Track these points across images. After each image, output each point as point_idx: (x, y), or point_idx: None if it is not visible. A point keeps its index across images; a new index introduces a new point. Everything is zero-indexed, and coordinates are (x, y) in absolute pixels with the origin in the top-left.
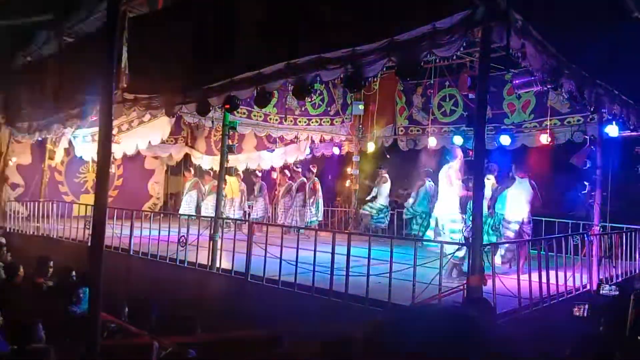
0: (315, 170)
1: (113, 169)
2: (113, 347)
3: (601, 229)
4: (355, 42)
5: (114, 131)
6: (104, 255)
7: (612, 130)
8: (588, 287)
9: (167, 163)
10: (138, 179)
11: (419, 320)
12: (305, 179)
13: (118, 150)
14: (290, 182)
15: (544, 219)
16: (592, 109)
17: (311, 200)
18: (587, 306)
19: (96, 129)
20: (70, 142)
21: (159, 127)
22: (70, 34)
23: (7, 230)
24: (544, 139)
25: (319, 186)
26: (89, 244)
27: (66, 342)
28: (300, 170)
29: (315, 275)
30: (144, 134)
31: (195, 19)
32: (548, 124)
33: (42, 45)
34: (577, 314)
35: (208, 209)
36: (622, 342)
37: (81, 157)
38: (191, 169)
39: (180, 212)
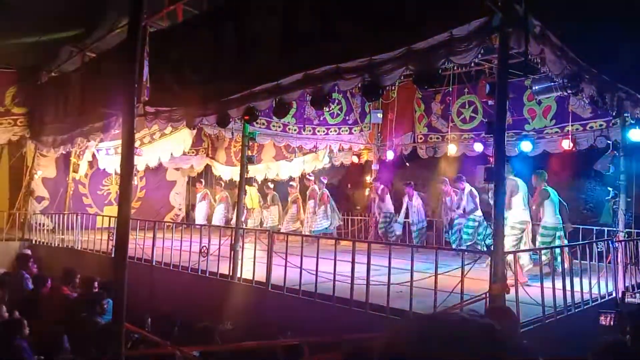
0: (325, 182)
1: (135, 181)
2: (137, 358)
3: (626, 235)
4: (372, 52)
5: (137, 144)
6: (127, 266)
7: (636, 134)
8: (613, 294)
9: (188, 174)
10: (160, 191)
11: (438, 330)
12: (316, 188)
13: (141, 162)
14: (297, 192)
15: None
16: (614, 114)
17: (321, 209)
18: (613, 315)
19: (119, 141)
20: (93, 155)
21: (180, 139)
22: (92, 50)
23: (33, 242)
24: (566, 144)
25: (326, 197)
26: (113, 255)
27: (91, 352)
28: (312, 179)
29: (335, 284)
30: (166, 146)
31: (214, 32)
32: (570, 129)
33: (65, 61)
34: (604, 322)
35: (216, 220)
36: None
37: (104, 169)
38: (202, 180)
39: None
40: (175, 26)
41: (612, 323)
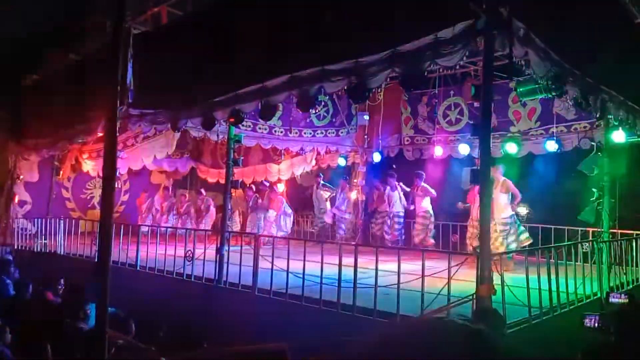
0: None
1: (119, 185)
2: None
3: (610, 236)
4: (358, 54)
5: (119, 146)
6: (110, 271)
7: (619, 136)
8: (598, 294)
9: (173, 177)
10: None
11: (426, 334)
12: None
13: (123, 165)
14: (256, 195)
15: (552, 226)
16: (597, 115)
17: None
18: (597, 317)
19: (102, 144)
20: (77, 158)
21: (164, 142)
22: (75, 52)
23: (15, 247)
24: (551, 146)
25: (281, 202)
26: (96, 259)
27: (75, 359)
28: (267, 184)
29: (322, 287)
30: (149, 149)
31: (198, 34)
32: (554, 130)
33: (48, 64)
34: (589, 324)
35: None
36: (634, 351)
37: (87, 172)
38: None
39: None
40: (160, 28)
41: (596, 325)
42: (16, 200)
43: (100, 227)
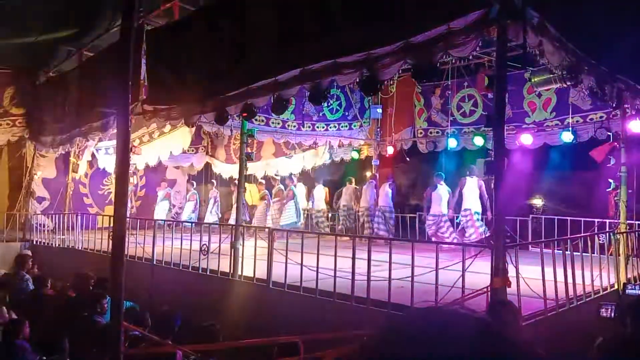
0: (295, 180)
1: (135, 180)
2: (137, 357)
3: (628, 227)
4: (370, 46)
5: (136, 142)
6: (126, 265)
7: (636, 125)
8: (615, 286)
9: (188, 172)
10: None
11: (432, 325)
12: (282, 187)
13: (140, 161)
14: (266, 190)
15: (569, 218)
16: (614, 105)
17: (287, 204)
18: (613, 307)
19: None
20: (93, 155)
21: (179, 137)
22: (89, 49)
23: (34, 242)
24: (567, 137)
25: (295, 193)
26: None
27: (93, 352)
28: (278, 178)
29: (336, 280)
30: (165, 145)
31: (210, 29)
32: (570, 121)
33: (63, 61)
34: (604, 315)
35: (184, 216)
36: None
37: (104, 169)
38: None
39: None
40: (172, 24)
41: (612, 315)
42: (35, 196)
43: (114, 221)
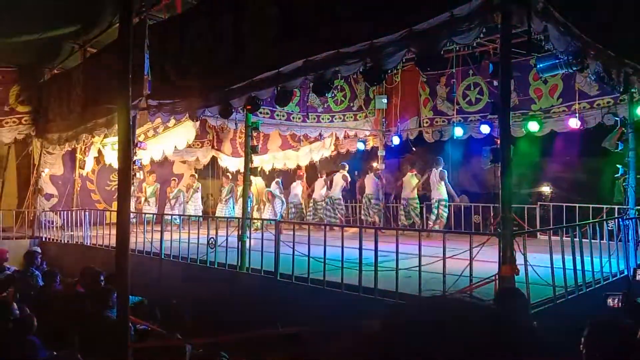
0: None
1: (142, 175)
2: (146, 350)
3: (637, 213)
4: (373, 35)
5: (141, 138)
6: (135, 260)
7: None
8: (625, 272)
9: (194, 167)
10: (167, 184)
11: (438, 312)
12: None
13: (145, 156)
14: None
15: (577, 205)
16: (621, 90)
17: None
18: (621, 296)
19: None
20: (99, 151)
21: (184, 132)
22: (93, 45)
23: (43, 239)
24: (574, 123)
25: (270, 195)
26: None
27: (103, 347)
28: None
29: (344, 271)
30: (170, 139)
31: (213, 22)
32: (577, 107)
33: (67, 58)
34: (612, 304)
35: (189, 210)
36: None
37: (111, 164)
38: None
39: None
40: (175, 18)
41: (619, 305)
42: (43, 193)
43: (117, 216)
